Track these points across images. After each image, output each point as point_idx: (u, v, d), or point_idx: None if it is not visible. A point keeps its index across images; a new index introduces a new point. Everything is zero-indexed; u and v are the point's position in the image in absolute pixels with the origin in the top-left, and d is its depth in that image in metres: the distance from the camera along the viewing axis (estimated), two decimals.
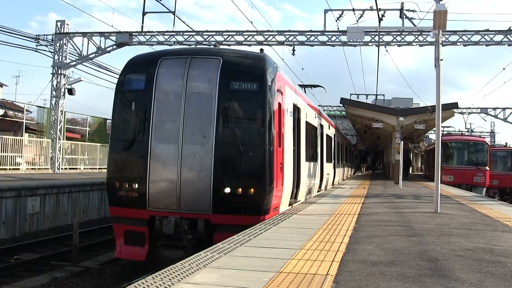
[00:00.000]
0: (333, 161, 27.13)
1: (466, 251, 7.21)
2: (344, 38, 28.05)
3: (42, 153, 30.80)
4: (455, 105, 29.45)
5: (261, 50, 14.49)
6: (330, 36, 28.76)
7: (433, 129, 32.22)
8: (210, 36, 29.34)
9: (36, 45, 30.82)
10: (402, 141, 26.52)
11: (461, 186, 30.10)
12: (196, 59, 11.77)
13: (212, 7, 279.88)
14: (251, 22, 26.50)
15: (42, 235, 17.52)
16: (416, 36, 27.74)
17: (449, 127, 68.11)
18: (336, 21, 28.74)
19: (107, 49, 30.39)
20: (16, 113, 39.12)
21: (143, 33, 29.96)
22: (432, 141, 52.72)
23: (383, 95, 52.48)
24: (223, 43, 28.46)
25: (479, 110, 54.88)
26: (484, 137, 51.14)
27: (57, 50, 30.58)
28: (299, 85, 20.67)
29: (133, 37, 30.03)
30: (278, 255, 6.69)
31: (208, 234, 10.90)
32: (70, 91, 30.22)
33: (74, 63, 31.13)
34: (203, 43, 29.09)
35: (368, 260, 6.47)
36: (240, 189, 11.08)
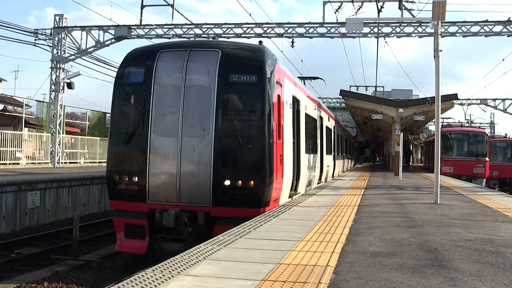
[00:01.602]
0: (333, 153, 27.12)
1: (466, 242, 7.22)
2: (343, 29, 27.95)
3: (42, 148, 30.83)
4: (454, 96, 29.45)
5: (260, 42, 14.47)
6: (329, 28, 28.72)
7: (433, 120, 32.21)
8: (209, 29, 29.29)
9: (35, 40, 30.82)
10: (402, 133, 26.54)
11: (461, 177, 30.12)
12: (195, 51, 11.75)
13: (209, 0, 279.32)
14: (250, 15, 26.38)
15: (42, 229, 17.51)
16: (415, 27, 27.69)
17: (449, 118, 68.16)
18: (335, 12, 28.77)
19: (106, 43, 30.35)
20: (15, 107, 39.11)
21: (141, 27, 29.92)
22: (432, 132, 52.70)
23: (383, 87, 52.38)
24: (222, 35, 28.46)
25: (478, 101, 54.82)
26: (483, 128, 51.00)
27: (56, 44, 30.51)
28: (299, 77, 20.67)
29: (132, 30, 29.97)
30: (278, 246, 6.70)
31: (208, 227, 10.92)
32: (69, 85, 30.18)
33: (73, 57, 31.08)
34: (202, 36, 29.04)
35: (368, 251, 6.48)
36: (240, 181, 11.08)
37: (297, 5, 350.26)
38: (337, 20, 28.80)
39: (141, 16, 29.70)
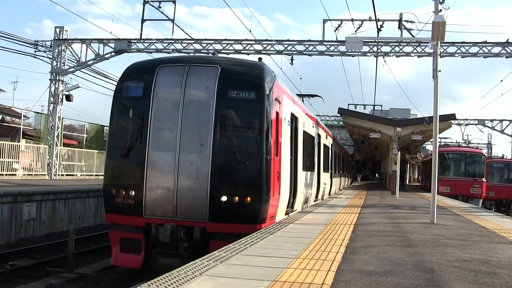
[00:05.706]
0: (330, 171, 27.12)
1: (462, 262, 7.21)
2: (342, 48, 28.14)
3: (39, 159, 30.78)
4: (452, 116, 29.53)
5: (260, 59, 14.50)
6: (328, 46, 28.92)
7: (430, 140, 32.30)
8: (209, 45, 29.45)
9: (35, 51, 30.88)
10: (399, 152, 26.55)
11: (458, 197, 30.11)
12: (194, 67, 11.77)
13: (205, 16, 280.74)
14: (250, 31, 26.43)
15: (37, 241, 17.46)
16: (415, 47, 27.89)
17: (446, 138, 68.33)
18: (335, 31, 28.88)
19: (106, 56, 30.46)
20: (13, 118, 39.10)
21: (141, 41, 30.05)
22: (429, 151, 52.81)
23: (381, 106, 52.53)
24: (221, 51, 28.59)
25: (476, 121, 55.09)
26: (481, 149, 51.12)
27: (56, 56, 30.61)
28: (297, 95, 20.70)
29: (132, 44, 30.09)
30: (274, 264, 6.69)
31: (204, 242, 10.87)
32: (68, 97, 30.23)
33: (73, 69, 31.17)
34: (202, 51, 29.18)
35: (364, 270, 6.47)
36: (236, 197, 11.04)
37: (293, 23, 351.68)
38: (336, 38, 28.96)
39: (141, 30, 29.84)
